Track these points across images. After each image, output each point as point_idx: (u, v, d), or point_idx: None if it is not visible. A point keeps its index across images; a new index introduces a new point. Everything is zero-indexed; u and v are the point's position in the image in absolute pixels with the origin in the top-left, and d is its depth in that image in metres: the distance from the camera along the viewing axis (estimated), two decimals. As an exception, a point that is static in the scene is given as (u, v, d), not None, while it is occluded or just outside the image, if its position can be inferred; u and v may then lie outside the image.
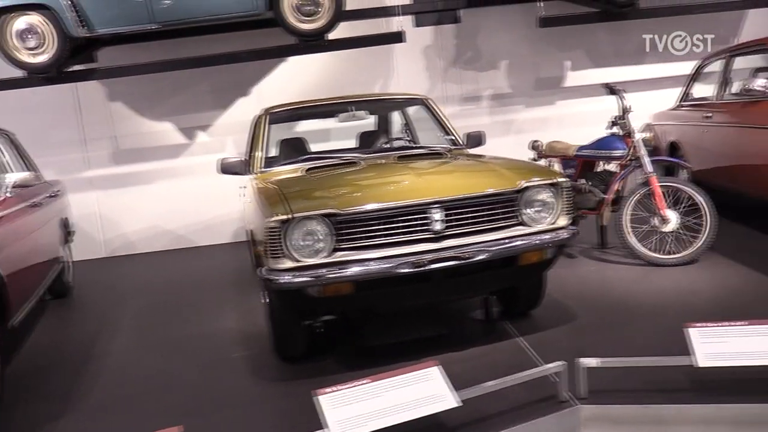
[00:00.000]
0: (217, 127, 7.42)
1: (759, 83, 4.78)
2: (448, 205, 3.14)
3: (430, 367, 2.69)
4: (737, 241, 5.20)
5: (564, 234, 3.37)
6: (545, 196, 3.35)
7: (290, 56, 6.42)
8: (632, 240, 4.74)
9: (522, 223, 3.33)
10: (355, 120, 4.63)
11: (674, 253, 4.66)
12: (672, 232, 4.69)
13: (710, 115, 5.65)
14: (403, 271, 3.06)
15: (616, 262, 4.92)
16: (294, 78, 7.22)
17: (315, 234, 3.08)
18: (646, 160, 4.75)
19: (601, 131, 7.40)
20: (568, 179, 3.45)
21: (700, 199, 4.63)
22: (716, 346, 2.72)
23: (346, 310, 3.44)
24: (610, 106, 7.68)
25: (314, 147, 6.23)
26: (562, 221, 3.39)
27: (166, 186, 7.43)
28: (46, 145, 7.13)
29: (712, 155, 5.69)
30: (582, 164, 5.32)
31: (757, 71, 5.52)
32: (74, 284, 5.92)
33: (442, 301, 3.75)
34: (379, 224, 3.11)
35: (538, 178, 3.35)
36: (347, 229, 3.11)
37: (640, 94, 7.54)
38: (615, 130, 5.07)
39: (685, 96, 6.48)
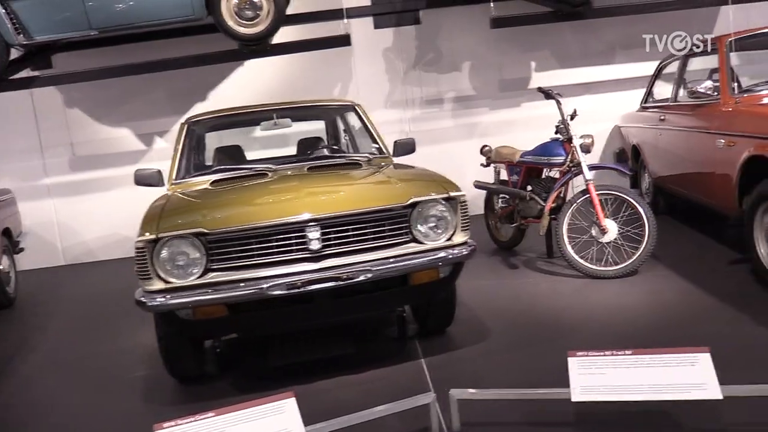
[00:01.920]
0: (174, 132, 7.27)
1: (704, 86, 4.53)
2: (325, 223, 2.97)
3: (285, 398, 2.52)
4: (686, 249, 4.98)
5: (461, 251, 3.17)
6: (439, 211, 3.15)
7: (232, 61, 6.27)
8: (570, 251, 4.53)
9: (415, 240, 3.14)
10: (278, 128, 4.46)
11: (613, 265, 4.44)
12: (611, 242, 4.47)
13: (664, 118, 5.41)
14: (275, 293, 2.89)
15: (555, 274, 4.71)
16: (251, 82, 7.10)
17: (185, 254, 2.92)
18: (585, 167, 4.53)
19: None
20: (463, 194, 3.25)
21: (640, 208, 4.40)
22: (595, 377, 2.51)
23: (225, 333, 3.28)
24: (581, 107, 7.48)
25: (258, 154, 6.13)
26: (459, 238, 3.20)
27: (125, 193, 7.29)
28: (2, 152, 7.09)
29: (667, 160, 5.45)
30: (526, 170, 5.11)
31: (713, 72, 5.25)
32: (17, 295, 5.84)
33: (333, 323, 3.57)
34: (253, 243, 2.94)
35: (433, 193, 3.15)
36: (220, 248, 2.95)
37: (609, 95, 7.40)
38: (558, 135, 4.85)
39: (647, 98, 6.23)
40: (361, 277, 2.96)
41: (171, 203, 3.36)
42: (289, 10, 6.64)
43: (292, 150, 5.70)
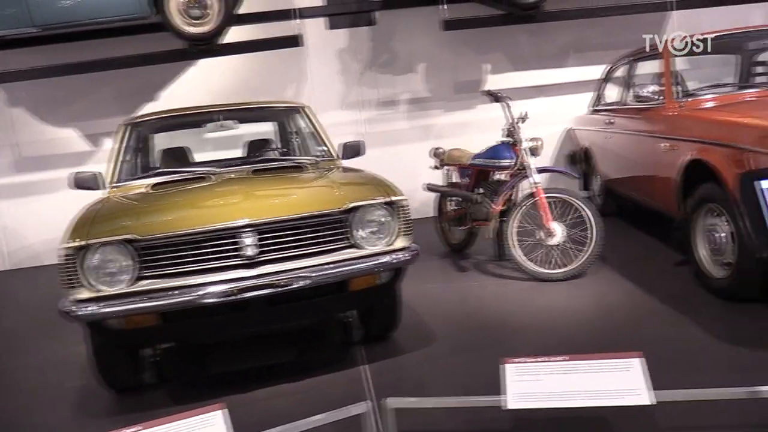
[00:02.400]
0: (123, 133, 7.12)
1: (649, 90, 4.58)
2: (261, 229, 2.90)
3: (214, 410, 2.45)
4: (633, 251, 5.04)
5: (402, 256, 3.13)
6: (379, 216, 3.11)
7: (181, 61, 6.13)
8: (518, 253, 4.53)
9: (355, 245, 3.09)
10: (223, 130, 4.36)
11: (560, 267, 4.46)
12: (557, 245, 4.48)
13: (612, 121, 5.46)
14: (209, 301, 2.81)
15: (504, 277, 4.71)
16: (203, 82, 6.96)
17: (115, 261, 2.82)
18: (533, 170, 4.54)
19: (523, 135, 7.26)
20: (404, 198, 3.21)
21: (585, 210, 4.42)
22: (530, 384, 2.50)
23: (159, 342, 3.19)
24: (534, 109, 7.53)
25: (211, 155, 6.01)
26: (400, 243, 3.16)
27: (72, 195, 7.09)
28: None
29: (615, 162, 5.51)
30: (476, 173, 5.10)
31: (658, 76, 5.32)
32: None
33: (272, 330, 3.50)
34: (186, 250, 2.86)
35: (372, 197, 3.11)
36: (152, 255, 2.86)
37: (562, 97, 7.44)
38: (506, 138, 4.85)
39: (597, 101, 6.29)
40: (298, 284, 2.90)
41: (104, 208, 3.25)
42: (242, 9, 6.57)
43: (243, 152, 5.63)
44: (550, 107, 7.42)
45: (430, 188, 5.49)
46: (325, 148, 4.34)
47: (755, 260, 3.26)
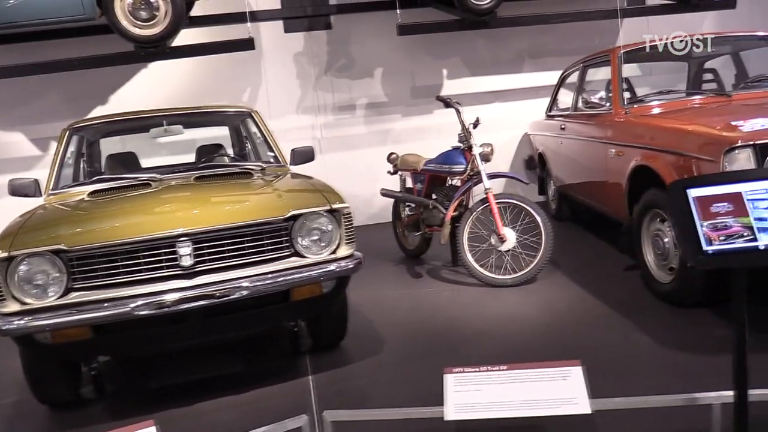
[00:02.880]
0: (73, 138, 6.93)
1: (597, 96, 4.61)
2: (197, 238, 2.81)
3: (145, 427, 2.36)
4: (585, 256, 5.07)
5: (345, 265, 3.08)
6: (321, 224, 3.05)
7: (127, 64, 5.98)
8: (469, 259, 4.52)
9: (297, 254, 3.03)
10: (168, 135, 4.26)
11: (512, 273, 4.46)
12: (509, 250, 4.48)
13: (564, 126, 5.50)
14: (142, 313, 2.72)
15: (457, 283, 4.69)
16: (156, 85, 6.82)
17: (44, 273, 2.71)
18: (484, 176, 4.53)
19: (478, 141, 7.27)
20: (347, 206, 3.16)
21: (537, 216, 4.43)
22: (470, 394, 2.47)
23: (91, 356, 3.08)
24: (492, 114, 7.59)
25: (164, 160, 5.89)
26: (344, 251, 3.11)
27: (17, 201, 6.90)
28: None
29: (567, 168, 5.55)
30: (429, 179, 5.08)
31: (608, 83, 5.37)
32: None
33: (212, 342, 3.41)
34: (119, 261, 2.76)
35: (314, 205, 3.05)
36: (83, 266, 2.75)
37: (520, 102, 7.49)
38: (459, 143, 4.84)
39: (552, 106, 6.34)
40: (236, 295, 2.82)
41: (35, 216, 3.13)
42: (196, 12, 6.46)
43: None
44: (508, 112, 7.48)
45: (385, 193, 5.45)
46: (273, 154, 4.27)
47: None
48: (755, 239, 1.82)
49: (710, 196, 1.91)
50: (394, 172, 5.61)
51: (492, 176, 4.60)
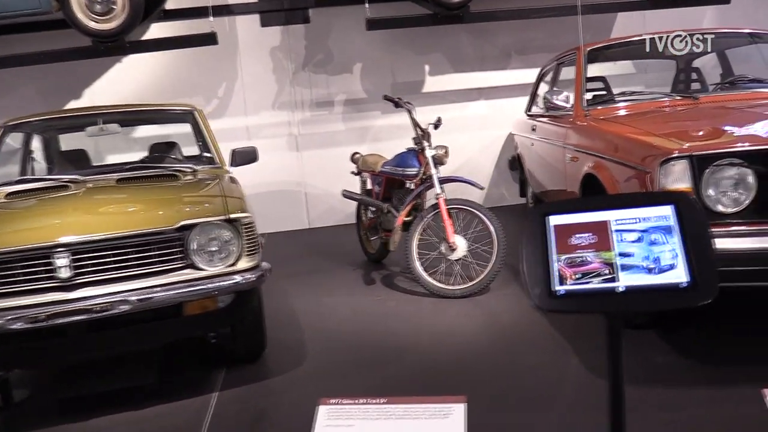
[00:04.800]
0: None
1: (560, 97, 4.33)
2: (77, 249, 2.65)
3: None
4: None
5: (245, 278, 2.88)
6: (218, 234, 2.86)
7: (86, 59, 5.83)
8: (418, 268, 4.28)
9: (193, 267, 2.84)
10: (104, 134, 4.10)
11: (462, 283, 4.22)
12: (459, 259, 4.24)
13: (535, 127, 5.22)
14: (15, 326, 2.56)
15: (407, 292, 4.47)
16: (130, 79, 6.69)
17: None
18: (436, 180, 4.29)
19: (462, 139, 7.03)
20: (247, 215, 2.95)
21: (489, 223, 4.18)
22: (341, 430, 2.25)
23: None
24: (473, 112, 7.32)
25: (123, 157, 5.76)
26: (244, 263, 2.91)
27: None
28: None
29: (538, 171, 5.27)
30: (386, 181, 4.85)
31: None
32: None
33: (104, 356, 3.25)
34: (-6, 271, 2.61)
35: (209, 215, 2.86)
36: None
37: (506, 100, 7.19)
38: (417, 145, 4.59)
39: (531, 105, 6.05)
40: (118, 309, 2.65)
41: None
42: (169, 5, 6.32)
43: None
44: (494, 110, 7.20)
45: (346, 195, 5.24)
46: (210, 155, 4.09)
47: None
48: (614, 279, 1.57)
49: (573, 224, 1.67)
50: (358, 173, 5.40)
51: (444, 180, 4.35)
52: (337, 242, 6.20)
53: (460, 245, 4.22)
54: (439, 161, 4.39)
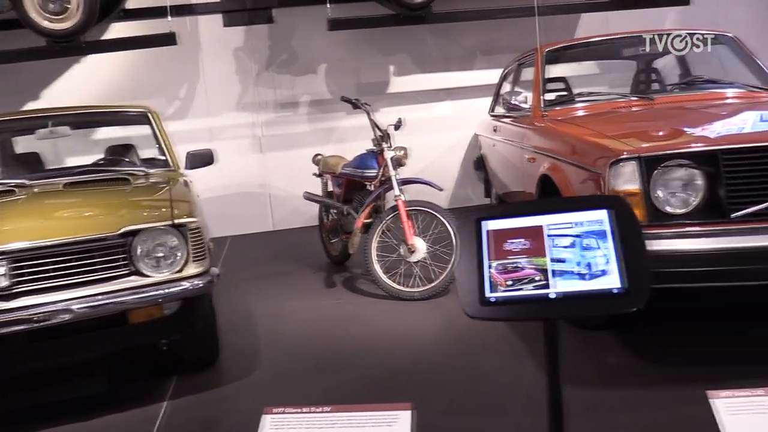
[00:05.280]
0: None
1: (519, 98, 4.33)
2: (13, 257, 2.56)
3: None
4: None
5: (191, 285, 2.82)
6: (163, 240, 2.79)
7: (41, 60, 5.69)
8: (377, 270, 4.25)
9: (138, 273, 2.77)
10: (54, 137, 4.00)
11: (422, 285, 4.19)
12: (418, 261, 4.21)
13: (496, 128, 5.21)
14: (-53, 338, 2.47)
15: (368, 295, 4.43)
16: (90, 80, 6.53)
17: None
18: (395, 182, 4.26)
19: (428, 140, 7.01)
20: (194, 220, 2.89)
21: (448, 225, 4.15)
22: (286, 438, 2.21)
23: None
24: (439, 112, 7.30)
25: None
26: (191, 270, 2.85)
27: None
28: None
29: (499, 171, 5.27)
30: (347, 183, 4.81)
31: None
32: None
33: (46, 366, 3.17)
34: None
35: (152, 220, 2.79)
36: None
37: (472, 101, 7.17)
38: (377, 146, 4.55)
39: (494, 105, 6.04)
40: (57, 319, 2.57)
41: None
42: (130, 5, 6.22)
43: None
44: (460, 111, 7.19)
45: (307, 197, 5.18)
46: (164, 158, 4.01)
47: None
48: (547, 285, 1.54)
49: (507, 229, 1.64)
50: (320, 175, 5.35)
51: (404, 182, 4.32)
52: (301, 244, 6.14)
53: (420, 247, 4.19)
54: (398, 162, 4.36)
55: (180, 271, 2.82)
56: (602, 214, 1.60)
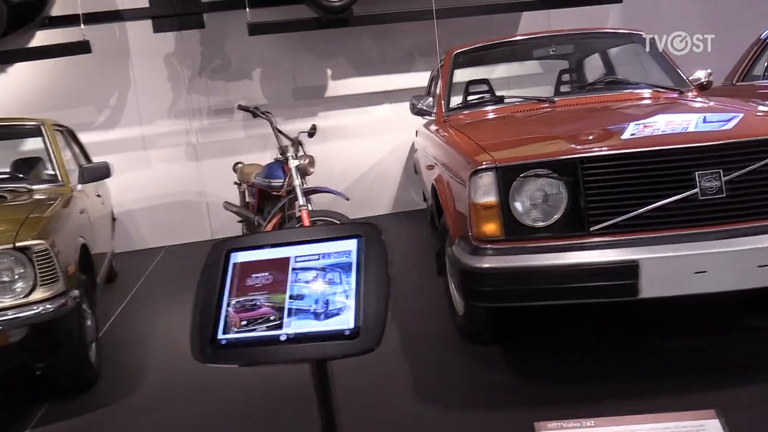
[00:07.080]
0: None
1: (426, 102, 4.21)
2: None
3: None
4: (417, 280, 4.65)
5: (37, 310, 2.70)
6: (6, 264, 2.67)
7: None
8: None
9: (-18, 297, 2.65)
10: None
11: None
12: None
13: (418, 132, 5.09)
14: None
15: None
16: (14, 89, 6.35)
17: None
18: (299, 191, 4.14)
19: (368, 143, 6.89)
20: (40, 242, 2.76)
21: (351, 237, 4.03)
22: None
23: None
24: (378, 115, 7.17)
25: None
26: (39, 295, 2.72)
27: None
28: None
29: (423, 177, 5.14)
30: (259, 192, 4.70)
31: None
32: None
33: None
34: None
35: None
36: None
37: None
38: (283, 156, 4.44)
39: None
40: None
41: None
42: (58, 12, 6.10)
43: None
44: (399, 113, 7.02)
45: (226, 207, 5.07)
46: (53, 172, 3.88)
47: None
48: (281, 326, 1.42)
49: (255, 262, 1.52)
50: (239, 184, 5.23)
51: (309, 192, 4.21)
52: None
53: (323, 259, 4.07)
54: (303, 172, 4.25)
55: (27, 296, 2.70)
56: (352, 244, 1.48)
